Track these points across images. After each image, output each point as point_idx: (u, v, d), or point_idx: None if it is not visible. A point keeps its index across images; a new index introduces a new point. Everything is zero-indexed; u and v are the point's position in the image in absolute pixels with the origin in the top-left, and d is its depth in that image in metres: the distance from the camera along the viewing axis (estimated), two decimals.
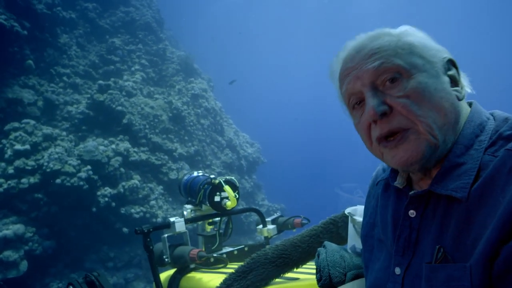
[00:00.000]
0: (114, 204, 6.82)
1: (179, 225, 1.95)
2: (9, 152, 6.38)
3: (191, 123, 9.28)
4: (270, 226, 2.29)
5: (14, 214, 6.19)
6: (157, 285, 1.82)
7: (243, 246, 2.23)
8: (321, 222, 1.49)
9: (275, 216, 2.41)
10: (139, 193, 7.28)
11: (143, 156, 7.72)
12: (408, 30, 0.82)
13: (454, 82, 0.80)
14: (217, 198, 2.10)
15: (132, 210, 7.02)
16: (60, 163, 6.51)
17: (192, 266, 1.95)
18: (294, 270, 1.46)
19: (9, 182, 6.17)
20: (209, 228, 2.27)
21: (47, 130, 6.95)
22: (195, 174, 2.33)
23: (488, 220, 0.65)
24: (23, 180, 6.27)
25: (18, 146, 6.45)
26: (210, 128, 10.14)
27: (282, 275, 1.45)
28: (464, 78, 0.83)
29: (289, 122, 27.41)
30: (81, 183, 6.50)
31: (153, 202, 7.39)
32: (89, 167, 6.69)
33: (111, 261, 6.97)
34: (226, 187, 2.11)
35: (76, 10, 9.36)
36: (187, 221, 2.03)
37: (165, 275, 1.99)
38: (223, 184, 2.12)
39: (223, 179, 2.14)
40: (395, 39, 0.79)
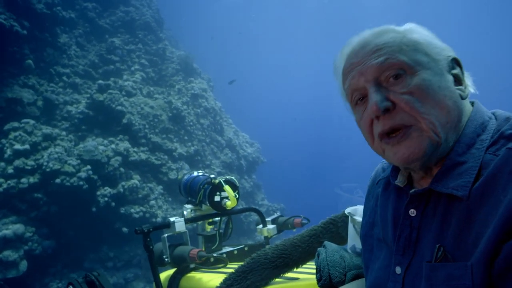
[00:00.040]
0: (113, 204, 6.82)
1: (179, 225, 1.95)
2: (8, 151, 6.38)
3: (191, 123, 9.28)
4: (270, 226, 2.29)
5: (13, 214, 6.19)
6: (157, 285, 1.82)
7: (243, 246, 2.23)
8: (321, 222, 1.49)
9: (275, 216, 2.41)
10: (139, 193, 7.27)
11: (143, 156, 7.71)
12: (413, 28, 0.82)
13: (458, 81, 0.79)
14: (217, 198, 2.10)
15: (131, 210, 7.02)
16: (59, 163, 6.51)
17: (192, 266, 1.95)
18: (294, 270, 1.46)
19: (8, 182, 6.17)
20: (209, 228, 2.27)
21: (47, 129, 6.95)
22: (195, 174, 2.33)
23: (489, 218, 0.65)
24: (23, 179, 6.27)
25: (17, 146, 6.45)
26: (210, 128, 10.13)
27: (282, 275, 1.45)
28: (467, 78, 0.82)
29: (288, 122, 27.40)
30: (80, 183, 6.50)
31: (152, 202, 7.38)
32: (88, 167, 6.69)
33: (111, 261, 6.96)
34: (226, 187, 2.11)
35: (75, 10, 9.35)
36: (187, 221, 2.03)
37: (165, 275, 1.99)
38: (223, 184, 2.12)
39: (223, 179, 2.14)
40: (400, 36, 0.78)
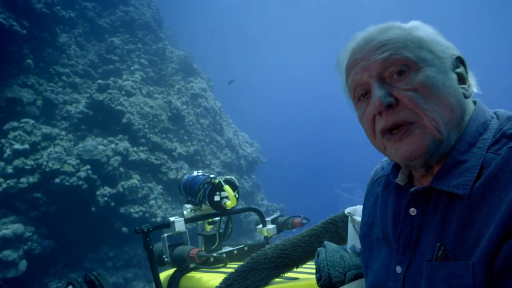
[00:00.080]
0: (113, 203, 6.81)
1: (179, 224, 1.95)
2: (8, 151, 6.38)
3: (191, 123, 9.27)
4: (270, 226, 2.29)
5: (13, 214, 6.18)
6: (156, 284, 1.82)
7: (243, 245, 2.23)
8: (321, 222, 1.49)
9: (275, 215, 2.41)
10: (139, 192, 7.27)
11: (143, 155, 7.71)
12: (418, 25, 0.81)
13: (462, 80, 0.79)
14: (217, 198, 2.10)
15: (131, 210, 7.01)
16: (59, 163, 6.51)
17: (192, 265, 1.95)
18: (294, 270, 1.46)
19: (8, 181, 6.17)
20: (209, 227, 2.27)
21: (46, 129, 6.94)
22: (195, 173, 2.33)
23: (490, 218, 0.65)
24: (22, 179, 6.27)
25: (17, 146, 6.44)
26: (210, 127, 10.13)
27: (282, 275, 1.45)
28: (471, 77, 0.82)
29: (288, 121, 27.41)
30: (80, 183, 6.50)
31: (152, 202, 7.38)
32: (88, 167, 6.68)
33: (110, 260, 6.96)
34: (226, 187, 2.11)
35: (75, 9, 9.34)
36: (187, 220, 2.03)
37: (164, 275, 1.99)
38: (223, 183, 2.12)
39: (223, 179, 2.14)
40: (405, 33, 0.78)
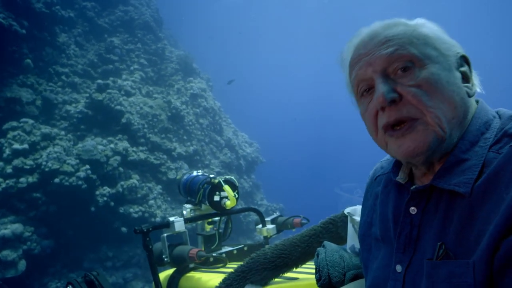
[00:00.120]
0: (112, 203, 6.81)
1: (179, 224, 1.95)
2: (7, 151, 6.37)
3: (190, 123, 9.27)
4: (270, 226, 2.29)
5: (12, 214, 6.18)
6: (156, 284, 1.82)
7: (243, 245, 2.23)
8: (320, 222, 1.49)
9: (275, 215, 2.41)
10: (138, 192, 7.27)
11: (142, 155, 7.71)
12: (423, 22, 0.82)
13: (466, 78, 0.79)
14: (216, 198, 2.10)
15: (130, 210, 7.01)
16: (58, 163, 6.50)
17: (191, 265, 1.95)
18: (294, 270, 1.46)
19: (7, 181, 6.16)
20: (208, 227, 2.27)
21: (46, 129, 6.94)
22: (195, 173, 2.33)
23: (491, 216, 0.64)
24: (22, 179, 6.26)
25: (16, 145, 6.43)
26: (209, 127, 10.13)
27: (281, 275, 1.45)
28: (475, 77, 0.82)
29: (288, 121, 27.42)
30: (79, 183, 6.49)
31: (151, 202, 7.38)
32: (87, 167, 6.68)
33: (110, 260, 6.96)
34: (226, 187, 2.11)
35: (74, 9, 9.33)
36: (187, 220, 2.03)
37: (164, 275, 1.99)
38: (223, 183, 2.12)
39: (223, 179, 2.14)
40: (411, 29, 0.78)
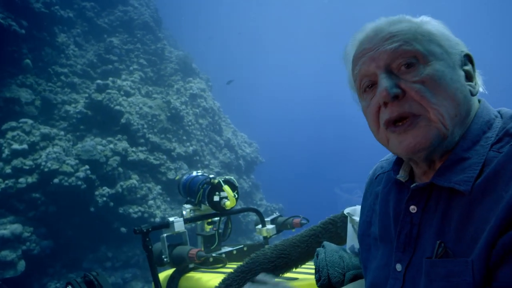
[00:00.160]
0: (112, 204, 6.80)
1: (178, 224, 1.95)
2: (6, 151, 6.36)
3: (190, 123, 9.27)
4: (269, 226, 2.29)
5: (11, 214, 6.17)
6: (156, 285, 1.82)
7: (242, 246, 2.23)
8: (320, 222, 1.49)
9: (274, 216, 2.41)
10: (137, 192, 7.26)
11: (141, 155, 7.70)
12: (428, 20, 0.82)
13: (469, 77, 0.79)
14: (216, 198, 2.10)
15: (130, 210, 7.01)
16: (58, 163, 6.50)
17: (191, 266, 1.95)
18: (293, 270, 1.46)
19: (6, 181, 6.15)
20: (208, 227, 2.27)
21: (45, 129, 6.93)
22: (194, 173, 2.33)
23: (490, 214, 0.65)
24: (21, 179, 6.25)
25: (15, 146, 6.43)
26: (209, 128, 10.12)
27: (281, 275, 1.45)
28: (478, 76, 0.82)
29: (287, 122, 27.42)
30: (79, 183, 6.49)
31: (151, 202, 7.37)
32: (87, 167, 6.67)
33: (109, 261, 6.95)
34: (225, 187, 2.11)
35: (74, 9, 9.32)
36: (186, 220, 2.03)
37: (164, 275, 1.99)
38: (222, 184, 2.12)
39: (222, 179, 2.14)
40: (415, 26, 0.78)
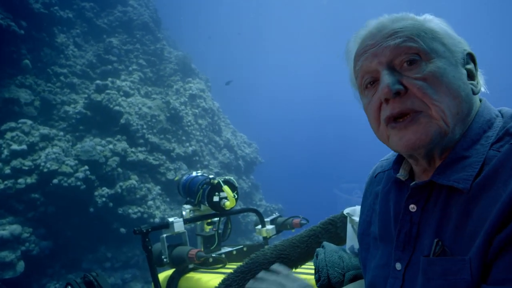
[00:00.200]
0: (111, 204, 6.80)
1: (178, 225, 1.95)
2: (5, 152, 6.35)
3: (189, 123, 9.26)
4: (269, 226, 2.29)
5: (10, 215, 6.16)
6: (155, 285, 1.82)
7: (242, 246, 2.23)
8: (320, 223, 1.49)
9: (274, 216, 2.41)
10: (137, 193, 7.26)
11: (141, 156, 7.70)
12: (431, 18, 0.82)
13: (471, 76, 0.79)
14: (216, 198, 2.10)
15: (129, 211, 7.00)
16: (57, 163, 6.49)
17: (191, 266, 1.95)
18: (293, 270, 1.46)
19: (5, 182, 6.14)
20: (207, 228, 2.27)
21: (44, 130, 6.92)
22: (194, 174, 2.33)
23: (488, 212, 0.65)
24: (20, 180, 6.24)
25: (14, 146, 6.42)
26: (208, 128, 10.12)
27: None
28: (480, 76, 0.82)
29: (287, 122, 27.43)
30: (78, 183, 6.48)
31: (150, 203, 7.37)
32: (86, 167, 6.67)
33: (109, 261, 6.94)
34: (225, 187, 2.11)
35: (73, 10, 9.31)
36: (186, 221, 2.03)
37: (163, 275, 1.99)
38: (222, 184, 2.12)
39: (222, 179, 2.14)
40: (419, 23, 0.78)
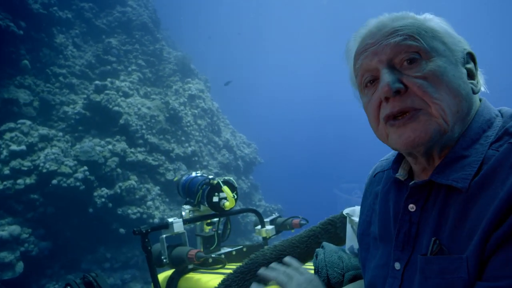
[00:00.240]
0: (110, 204, 6.79)
1: (177, 225, 1.95)
2: (4, 152, 6.34)
3: (188, 124, 9.26)
4: (269, 227, 2.29)
5: (10, 215, 6.15)
6: (155, 286, 1.82)
7: (242, 246, 2.23)
8: (319, 223, 1.49)
9: (274, 216, 2.41)
10: (136, 193, 7.25)
11: (140, 156, 7.69)
12: (432, 17, 0.82)
13: (471, 76, 0.79)
14: (215, 199, 2.10)
15: (129, 211, 7.00)
16: (56, 164, 6.48)
17: (190, 266, 1.95)
18: None
19: (4, 182, 6.14)
20: (207, 228, 2.27)
21: (43, 130, 6.91)
22: (194, 174, 2.33)
23: (486, 211, 0.65)
24: (19, 180, 6.24)
25: (14, 147, 6.41)
26: (207, 128, 10.12)
27: None
28: (480, 75, 0.82)
29: (286, 122, 27.45)
30: (77, 184, 6.47)
31: (150, 203, 7.37)
32: (85, 168, 6.66)
33: (108, 262, 6.94)
34: (225, 188, 2.11)
35: (72, 10, 9.31)
36: (186, 221, 2.03)
37: (163, 276, 1.98)
38: (222, 184, 2.12)
39: (222, 180, 2.14)
40: (419, 22, 0.78)
